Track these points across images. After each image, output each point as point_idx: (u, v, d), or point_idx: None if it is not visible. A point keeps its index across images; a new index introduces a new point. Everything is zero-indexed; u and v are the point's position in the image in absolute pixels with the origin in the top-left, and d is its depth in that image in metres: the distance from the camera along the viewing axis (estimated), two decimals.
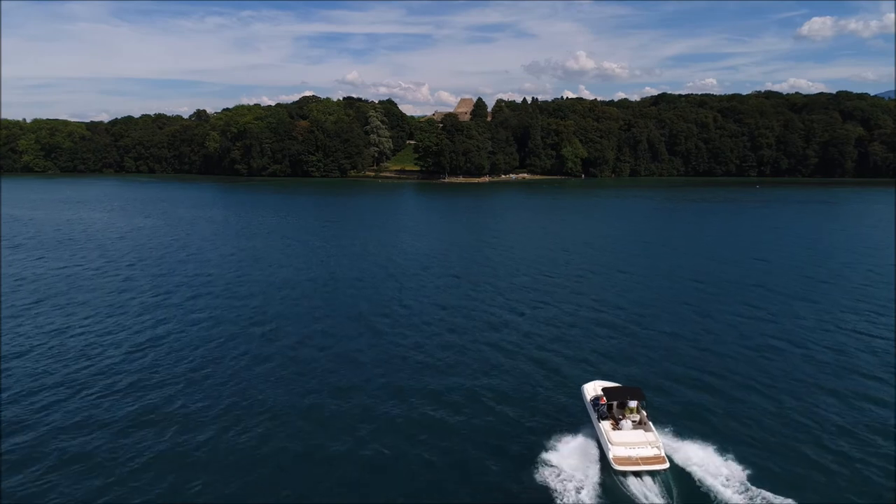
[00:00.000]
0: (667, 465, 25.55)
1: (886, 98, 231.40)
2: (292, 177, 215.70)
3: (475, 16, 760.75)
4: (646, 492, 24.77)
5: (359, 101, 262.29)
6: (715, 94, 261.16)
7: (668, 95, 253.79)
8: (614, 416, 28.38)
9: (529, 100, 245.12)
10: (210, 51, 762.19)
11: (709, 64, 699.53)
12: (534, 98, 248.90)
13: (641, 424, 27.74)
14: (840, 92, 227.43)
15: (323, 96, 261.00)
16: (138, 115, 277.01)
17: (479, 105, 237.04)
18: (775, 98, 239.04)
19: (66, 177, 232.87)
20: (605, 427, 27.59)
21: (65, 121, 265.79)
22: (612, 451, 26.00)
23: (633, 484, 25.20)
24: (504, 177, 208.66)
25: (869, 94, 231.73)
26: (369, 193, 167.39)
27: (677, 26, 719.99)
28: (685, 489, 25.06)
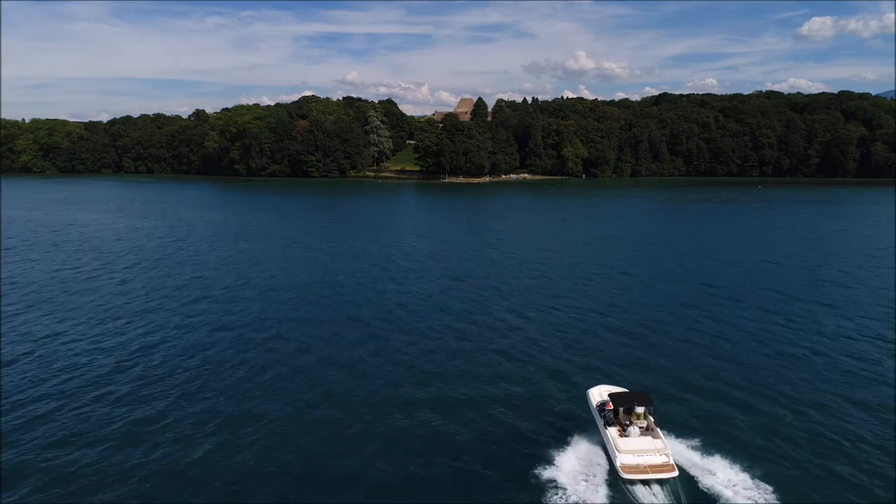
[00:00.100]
0: (676, 472, 24.85)
1: (887, 98, 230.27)
2: (291, 177, 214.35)
3: (475, 16, 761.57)
4: (654, 501, 24.14)
5: (359, 101, 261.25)
6: (716, 93, 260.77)
7: (670, 95, 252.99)
8: (621, 421, 27.74)
9: (530, 100, 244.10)
10: (210, 51, 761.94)
11: (709, 64, 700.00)
12: (534, 98, 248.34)
13: (649, 431, 27.18)
14: (842, 92, 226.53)
15: (323, 96, 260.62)
16: (138, 115, 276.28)
17: (480, 105, 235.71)
18: (777, 98, 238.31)
19: (65, 177, 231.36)
20: (612, 434, 27.00)
21: (63, 121, 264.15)
22: (619, 459, 25.47)
23: (642, 492, 24.49)
24: (504, 177, 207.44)
25: (870, 94, 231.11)
26: (369, 194, 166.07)
27: (677, 26, 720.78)
28: (695, 498, 24.37)
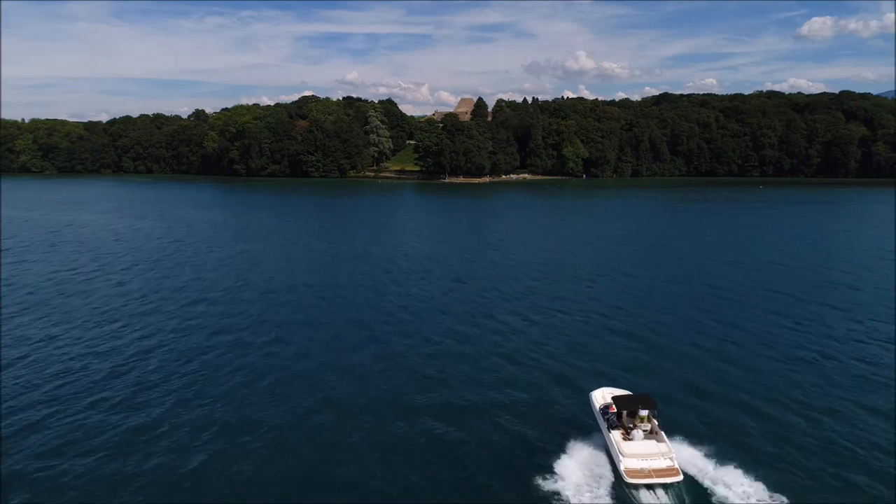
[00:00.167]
0: (681, 477, 24.49)
1: (888, 98, 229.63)
2: (291, 177, 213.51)
3: (475, 16, 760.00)
4: None
5: (358, 100, 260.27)
6: (716, 93, 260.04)
7: (670, 95, 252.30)
8: (624, 425, 27.28)
9: (530, 100, 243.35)
10: (210, 51, 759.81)
11: (708, 64, 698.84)
12: (534, 98, 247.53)
13: (653, 434, 26.76)
14: (843, 92, 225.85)
15: (323, 96, 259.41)
16: (138, 115, 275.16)
17: (480, 105, 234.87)
18: (777, 98, 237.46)
19: (64, 177, 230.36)
20: (616, 437, 26.59)
21: (62, 121, 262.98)
22: (623, 464, 25.09)
23: (646, 497, 24.16)
24: (505, 177, 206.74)
25: (871, 94, 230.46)
26: (369, 194, 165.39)
27: (677, 26, 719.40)
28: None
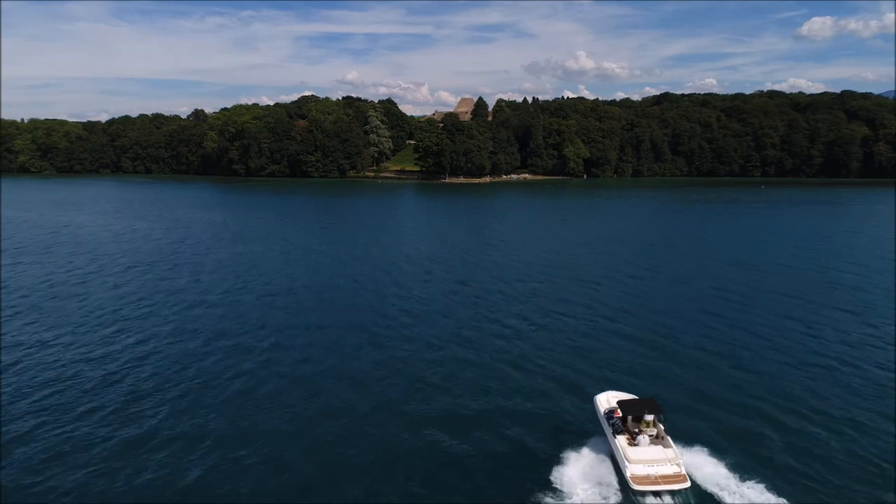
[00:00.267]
0: (688, 483, 23.98)
1: (889, 98, 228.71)
2: (291, 177, 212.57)
3: (475, 16, 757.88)
4: None
5: (358, 100, 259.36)
6: (717, 93, 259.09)
7: (671, 95, 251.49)
8: (630, 430, 26.60)
9: (530, 99, 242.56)
10: (210, 51, 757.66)
11: (709, 64, 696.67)
12: (535, 98, 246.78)
13: (659, 439, 26.07)
14: (845, 91, 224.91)
15: (322, 96, 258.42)
16: (137, 115, 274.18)
17: (480, 105, 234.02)
18: (779, 98, 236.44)
19: (63, 177, 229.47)
20: (621, 443, 25.96)
21: (61, 121, 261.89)
22: (629, 470, 24.57)
23: None
24: (505, 177, 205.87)
25: (872, 93, 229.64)
26: (369, 194, 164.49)
27: (677, 26, 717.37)
28: None
